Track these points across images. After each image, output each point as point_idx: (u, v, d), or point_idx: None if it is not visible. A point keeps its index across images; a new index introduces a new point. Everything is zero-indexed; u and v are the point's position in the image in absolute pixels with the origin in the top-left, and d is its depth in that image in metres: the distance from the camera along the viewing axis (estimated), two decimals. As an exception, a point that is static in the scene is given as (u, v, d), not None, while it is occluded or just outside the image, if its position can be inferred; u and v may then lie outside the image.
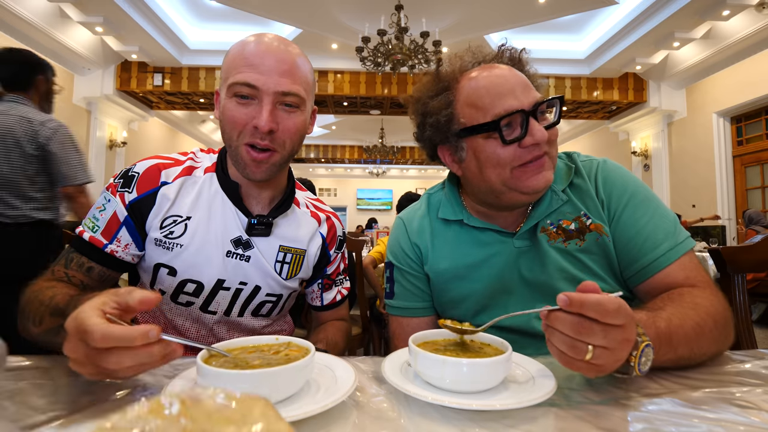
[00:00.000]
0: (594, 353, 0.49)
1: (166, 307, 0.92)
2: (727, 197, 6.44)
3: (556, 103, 0.80)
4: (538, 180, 0.78)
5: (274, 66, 0.80)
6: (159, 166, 0.90)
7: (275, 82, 0.79)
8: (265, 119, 0.79)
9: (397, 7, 5.03)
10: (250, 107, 0.81)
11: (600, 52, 6.62)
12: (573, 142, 10.35)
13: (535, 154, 0.77)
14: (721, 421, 0.46)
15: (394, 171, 15.58)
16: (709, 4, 5.04)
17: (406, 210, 1.02)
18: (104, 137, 6.99)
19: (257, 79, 0.79)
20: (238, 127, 0.81)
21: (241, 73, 0.79)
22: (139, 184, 0.87)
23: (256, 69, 0.79)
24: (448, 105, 0.82)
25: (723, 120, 6.49)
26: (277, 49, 0.81)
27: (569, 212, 0.84)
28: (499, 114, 0.77)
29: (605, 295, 0.49)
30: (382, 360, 0.62)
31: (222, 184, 0.91)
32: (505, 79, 0.78)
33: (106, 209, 0.86)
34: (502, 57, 0.85)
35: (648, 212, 0.81)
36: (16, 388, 0.55)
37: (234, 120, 0.81)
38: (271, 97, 0.80)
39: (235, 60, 0.81)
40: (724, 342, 0.67)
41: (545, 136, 0.77)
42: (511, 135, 0.77)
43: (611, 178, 0.86)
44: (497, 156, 0.78)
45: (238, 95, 0.80)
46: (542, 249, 0.83)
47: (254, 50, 0.80)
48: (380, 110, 8.32)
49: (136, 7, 5.45)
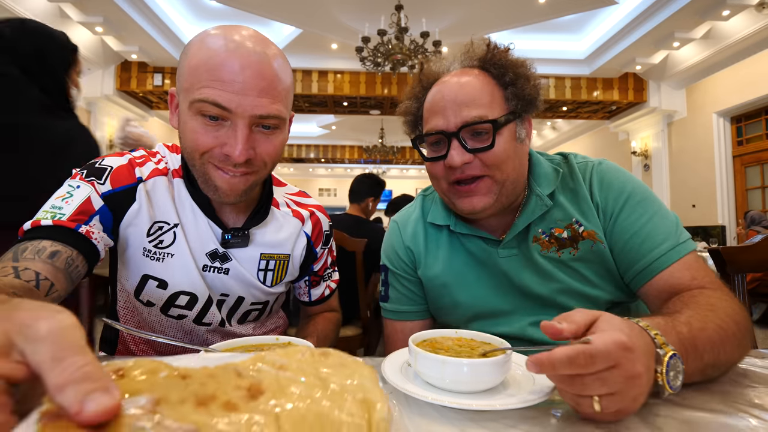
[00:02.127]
0: (601, 403, 0.43)
1: (155, 319, 0.84)
2: (727, 197, 6.43)
3: (488, 128, 0.75)
4: (464, 204, 0.79)
5: (250, 83, 0.66)
6: (132, 161, 0.80)
7: (252, 104, 0.66)
8: (240, 150, 0.67)
9: (397, 7, 5.04)
10: (220, 130, 0.68)
11: (600, 52, 6.61)
12: (573, 142, 10.35)
13: (458, 177, 0.78)
14: (725, 421, 0.46)
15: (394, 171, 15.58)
16: (709, 4, 5.04)
17: (401, 212, 1.01)
18: (104, 137, 6.98)
19: (230, 101, 0.65)
20: (202, 150, 0.69)
21: (209, 88, 0.65)
22: (113, 177, 0.76)
23: (229, 86, 0.65)
24: (418, 109, 0.85)
25: (723, 120, 6.49)
26: (253, 58, 0.66)
27: (560, 219, 0.82)
28: (426, 131, 0.80)
29: (572, 348, 0.42)
30: (382, 360, 0.62)
31: (192, 194, 0.81)
32: (443, 96, 0.78)
33: (73, 196, 0.72)
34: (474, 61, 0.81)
35: (647, 213, 0.78)
36: (15, 388, 0.54)
37: (199, 143, 0.69)
38: (247, 121, 0.67)
39: (200, 70, 0.66)
40: (747, 346, 0.61)
41: (461, 160, 0.75)
42: (434, 153, 0.80)
43: (607, 179, 0.83)
44: (430, 169, 0.83)
45: (204, 114, 0.67)
46: (533, 258, 0.82)
47: (225, 60, 0.65)
48: (380, 110, 8.32)
49: (136, 7, 5.45)
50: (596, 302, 0.81)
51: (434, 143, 0.80)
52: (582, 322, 0.47)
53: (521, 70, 0.79)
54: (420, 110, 0.85)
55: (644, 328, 0.49)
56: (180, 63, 0.71)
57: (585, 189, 0.83)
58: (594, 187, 0.83)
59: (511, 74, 0.79)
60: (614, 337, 0.43)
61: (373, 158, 11.50)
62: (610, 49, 6.41)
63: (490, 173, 0.77)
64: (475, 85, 0.78)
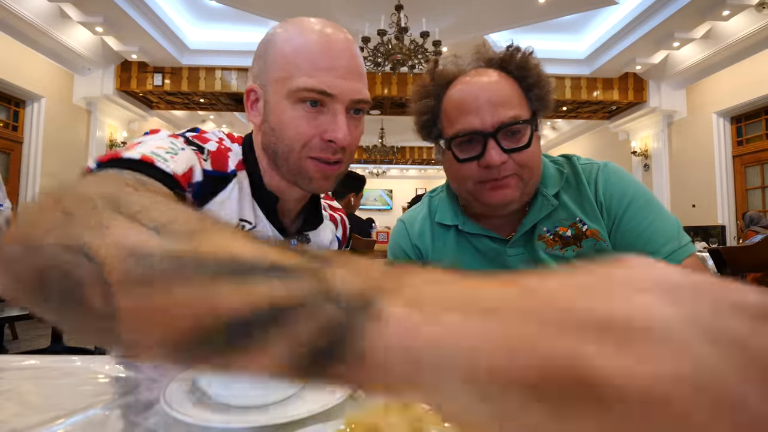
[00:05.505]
0: None
1: None
2: (727, 197, 6.43)
3: (525, 128, 0.76)
4: (494, 196, 0.79)
5: (347, 68, 0.68)
6: (221, 149, 0.72)
7: (351, 88, 0.68)
8: (344, 133, 0.67)
9: (397, 7, 5.03)
10: (318, 118, 0.68)
11: (600, 52, 6.61)
12: (573, 142, 10.35)
13: (492, 176, 0.77)
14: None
15: (394, 171, 15.57)
16: (709, 4, 5.03)
17: (408, 212, 1.02)
18: (104, 137, 6.98)
19: (333, 86, 0.66)
20: (305, 139, 0.69)
21: (312, 77, 0.66)
22: (213, 158, 0.70)
23: (331, 73, 0.67)
24: (436, 106, 0.84)
25: (723, 120, 6.49)
26: (344, 44, 0.69)
27: (564, 219, 0.84)
28: (458, 131, 0.78)
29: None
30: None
31: (255, 192, 0.75)
32: (476, 96, 0.77)
33: (178, 155, 0.61)
34: (495, 62, 0.82)
35: (649, 216, 0.80)
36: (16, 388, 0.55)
37: (301, 131, 0.68)
38: (345, 105, 0.68)
39: (298, 58, 0.67)
40: None
41: (500, 160, 0.75)
42: (467, 153, 0.78)
43: (611, 181, 0.84)
44: (456, 170, 0.81)
45: (306, 102, 0.67)
46: (539, 258, 0.83)
47: (322, 47, 0.67)
48: (380, 110, 8.31)
49: (136, 7, 5.44)
50: None
51: (465, 143, 0.79)
52: None
53: (540, 71, 0.81)
54: (437, 108, 0.84)
55: None
56: (262, 56, 0.70)
57: (589, 189, 0.85)
58: (599, 187, 0.84)
59: (533, 77, 0.80)
60: None
61: (373, 158, 11.49)
62: (610, 49, 6.41)
63: (520, 172, 0.78)
64: (504, 85, 0.78)
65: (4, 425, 0.44)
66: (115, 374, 0.61)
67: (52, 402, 0.50)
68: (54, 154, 5.93)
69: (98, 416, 0.47)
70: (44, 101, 5.82)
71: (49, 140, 5.88)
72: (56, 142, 6.01)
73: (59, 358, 0.67)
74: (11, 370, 0.62)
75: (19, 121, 5.69)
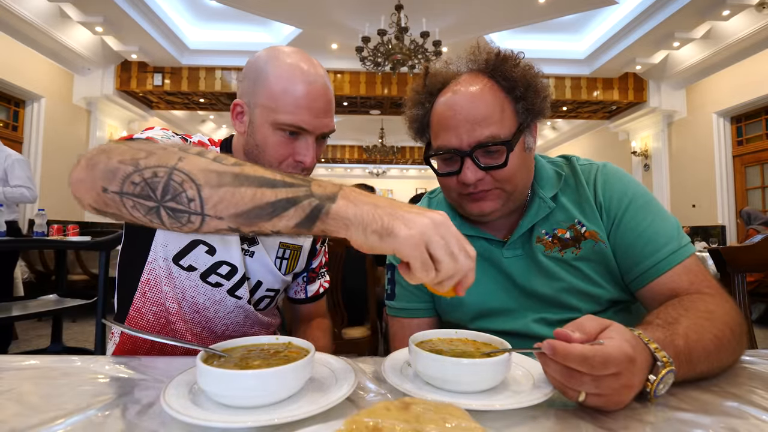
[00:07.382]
0: (587, 398, 0.47)
1: (190, 284, 0.89)
2: (727, 197, 6.43)
3: (500, 148, 0.76)
4: (474, 207, 0.82)
5: (322, 109, 0.83)
6: (204, 142, 0.92)
7: (323, 124, 0.84)
8: (311, 159, 0.84)
9: (397, 7, 5.04)
10: (295, 143, 0.84)
11: (600, 52, 6.61)
12: (573, 142, 10.35)
13: (470, 191, 0.80)
14: (724, 421, 0.46)
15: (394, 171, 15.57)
16: (709, 4, 5.04)
17: None
18: (104, 137, 6.98)
19: (309, 123, 0.82)
20: (281, 159, 0.85)
21: (293, 115, 0.81)
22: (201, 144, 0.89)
23: (308, 112, 0.82)
24: (425, 116, 0.86)
25: (723, 120, 6.49)
26: (320, 84, 0.84)
27: (563, 221, 0.84)
28: (438, 147, 0.81)
29: (590, 348, 0.46)
30: (382, 360, 0.62)
31: None
32: (455, 113, 0.78)
33: (171, 140, 0.80)
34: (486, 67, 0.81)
35: (649, 216, 0.79)
36: (16, 388, 0.55)
37: (280, 153, 0.84)
38: (315, 136, 0.85)
39: (285, 98, 0.81)
40: (742, 350, 0.64)
41: (475, 178, 0.77)
42: (447, 168, 0.82)
43: (610, 182, 0.84)
44: (442, 181, 0.85)
45: (286, 131, 0.83)
46: (537, 259, 0.83)
47: (306, 92, 0.82)
48: (380, 110, 8.31)
49: (136, 7, 5.45)
50: (599, 301, 0.82)
51: (447, 159, 0.82)
52: (593, 332, 0.49)
53: (531, 81, 0.79)
54: (426, 118, 0.86)
55: (646, 343, 0.51)
56: (251, 79, 0.85)
57: (588, 190, 0.84)
58: (598, 188, 0.84)
59: (521, 88, 0.78)
60: (623, 347, 0.46)
61: (373, 158, 11.49)
62: (610, 49, 6.41)
63: (501, 186, 0.79)
64: (486, 100, 0.77)
65: (4, 425, 0.44)
66: (115, 374, 0.61)
67: (52, 402, 0.50)
68: (54, 154, 5.93)
69: (98, 416, 0.47)
70: (44, 101, 5.82)
71: (49, 140, 5.88)
72: (56, 142, 6.01)
73: (59, 358, 0.67)
74: (11, 370, 0.62)
75: (19, 121, 5.69)
